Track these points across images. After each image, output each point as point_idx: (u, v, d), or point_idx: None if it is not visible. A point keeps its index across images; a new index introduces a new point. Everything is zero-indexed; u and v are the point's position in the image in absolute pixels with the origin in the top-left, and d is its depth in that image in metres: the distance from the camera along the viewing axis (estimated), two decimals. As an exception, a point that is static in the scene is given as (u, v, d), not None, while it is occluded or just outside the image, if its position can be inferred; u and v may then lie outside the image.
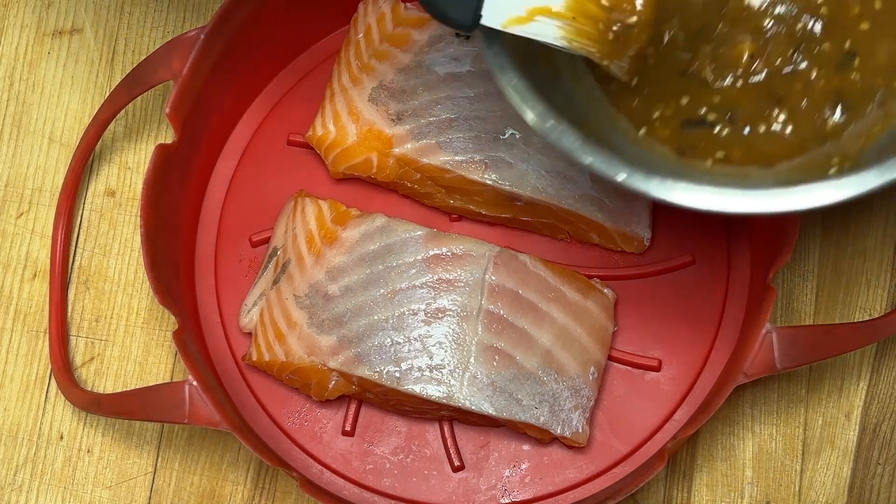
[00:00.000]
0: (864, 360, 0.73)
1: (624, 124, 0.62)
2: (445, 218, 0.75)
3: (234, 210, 0.76)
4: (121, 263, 0.76)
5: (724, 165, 0.60)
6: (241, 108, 0.77)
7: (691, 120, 0.61)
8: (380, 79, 0.73)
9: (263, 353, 0.70)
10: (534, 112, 0.57)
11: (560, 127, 0.57)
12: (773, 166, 0.60)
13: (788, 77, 0.61)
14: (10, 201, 0.77)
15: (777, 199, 0.55)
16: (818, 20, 0.61)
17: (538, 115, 0.57)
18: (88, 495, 0.72)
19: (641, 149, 0.61)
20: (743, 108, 0.61)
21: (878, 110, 0.59)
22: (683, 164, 0.61)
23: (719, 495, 0.72)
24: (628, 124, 0.62)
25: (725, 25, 0.62)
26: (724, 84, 0.61)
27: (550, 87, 0.60)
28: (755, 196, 0.55)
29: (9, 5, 0.80)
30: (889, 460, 0.72)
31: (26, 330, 0.75)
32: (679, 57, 0.62)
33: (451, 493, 0.70)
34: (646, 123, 0.62)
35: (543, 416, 0.68)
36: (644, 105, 0.62)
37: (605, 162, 0.56)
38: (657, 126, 0.62)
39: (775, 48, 0.61)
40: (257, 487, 0.72)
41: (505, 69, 0.58)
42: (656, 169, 0.57)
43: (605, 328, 0.71)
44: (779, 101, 0.61)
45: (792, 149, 0.60)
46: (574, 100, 0.62)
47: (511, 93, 0.58)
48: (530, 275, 0.70)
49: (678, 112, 0.62)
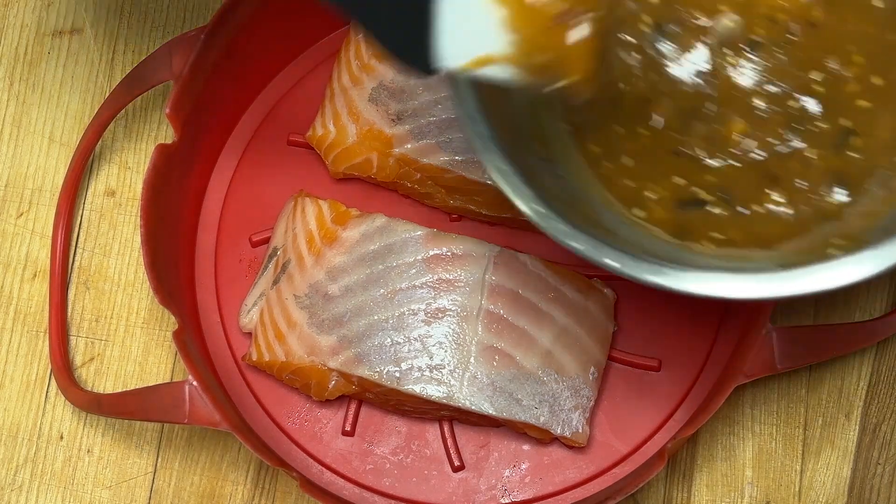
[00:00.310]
0: (864, 360, 0.73)
1: (618, 205, 0.60)
2: (445, 218, 0.75)
3: (234, 210, 0.76)
4: (121, 263, 0.76)
5: (725, 247, 0.58)
6: (241, 108, 0.77)
7: (686, 200, 0.59)
8: (380, 79, 0.73)
9: (263, 353, 0.70)
10: (521, 199, 0.56)
11: (548, 213, 0.55)
12: (774, 247, 0.58)
13: (784, 156, 0.59)
14: (10, 201, 0.77)
15: (779, 283, 0.52)
16: (812, 98, 0.59)
17: (525, 200, 0.55)
18: (88, 495, 0.72)
19: (637, 230, 0.59)
20: (738, 187, 0.59)
21: (881, 189, 0.57)
22: (682, 247, 0.59)
23: (719, 495, 0.72)
24: (621, 205, 0.60)
25: (716, 105, 0.60)
26: (718, 163, 0.59)
27: (542, 169, 0.58)
28: (757, 280, 0.52)
29: (9, 5, 0.80)
30: (889, 460, 0.72)
31: (26, 330, 0.75)
32: (671, 136, 0.60)
33: (451, 493, 0.70)
34: (640, 205, 0.60)
35: (544, 416, 0.68)
36: (637, 185, 0.60)
37: (595, 249, 0.54)
38: (652, 207, 0.60)
39: (768, 127, 0.59)
40: (257, 487, 0.72)
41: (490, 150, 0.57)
42: (654, 251, 0.55)
43: (605, 328, 0.71)
44: (775, 181, 0.59)
45: (792, 229, 0.58)
46: (566, 181, 0.60)
47: (499, 177, 0.56)
48: (530, 275, 0.70)
49: (673, 192, 0.60)
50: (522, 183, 0.56)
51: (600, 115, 0.61)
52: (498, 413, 0.67)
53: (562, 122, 0.62)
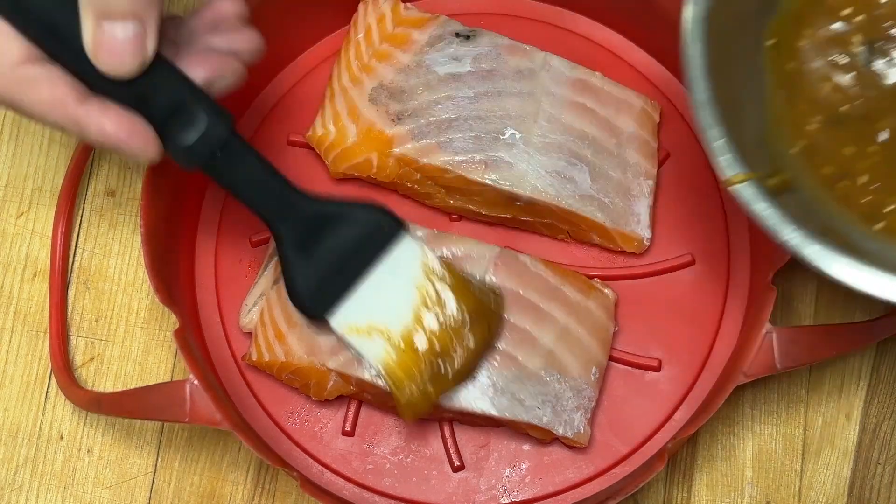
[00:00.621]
0: (864, 360, 0.73)
1: (859, 222, 0.62)
2: (445, 218, 0.75)
3: (234, 210, 0.76)
4: (121, 263, 0.76)
5: None
6: (241, 108, 0.77)
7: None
8: (380, 79, 0.73)
9: (263, 353, 0.70)
10: (783, 231, 0.57)
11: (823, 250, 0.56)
12: None
13: None
14: (10, 201, 0.77)
15: None
16: None
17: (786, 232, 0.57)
18: (88, 495, 0.72)
19: (881, 245, 0.61)
20: None
21: None
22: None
23: (719, 495, 0.72)
24: (862, 222, 0.62)
25: None
26: None
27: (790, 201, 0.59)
28: None
29: (9, 5, 0.80)
30: (889, 460, 0.72)
31: (26, 330, 0.75)
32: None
33: (451, 493, 0.70)
34: (880, 218, 0.62)
35: (546, 416, 0.68)
36: (875, 200, 0.62)
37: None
38: (893, 219, 0.61)
39: None
40: (257, 487, 0.72)
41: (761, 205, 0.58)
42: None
43: (606, 328, 0.71)
44: None
45: None
46: (813, 209, 0.62)
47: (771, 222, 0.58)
48: (531, 275, 0.70)
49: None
50: (783, 220, 0.57)
51: (827, 139, 0.63)
52: (500, 413, 0.67)
53: (791, 149, 0.63)
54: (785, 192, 0.60)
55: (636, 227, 0.72)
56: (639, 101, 0.75)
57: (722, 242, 0.74)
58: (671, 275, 0.74)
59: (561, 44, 0.77)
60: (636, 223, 0.72)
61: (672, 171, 0.75)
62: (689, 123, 0.76)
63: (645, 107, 0.75)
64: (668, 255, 0.74)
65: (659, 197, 0.74)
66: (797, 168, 0.63)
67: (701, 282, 0.73)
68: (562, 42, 0.77)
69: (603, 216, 0.72)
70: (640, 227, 0.72)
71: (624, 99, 0.74)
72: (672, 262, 0.73)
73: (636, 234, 0.72)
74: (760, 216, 0.57)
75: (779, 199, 0.58)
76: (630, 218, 0.72)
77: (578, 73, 0.74)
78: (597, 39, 0.78)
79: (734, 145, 0.58)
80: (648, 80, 0.77)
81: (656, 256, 0.74)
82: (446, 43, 0.74)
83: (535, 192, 0.71)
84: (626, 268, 0.74)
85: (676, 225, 0.74)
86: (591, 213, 0.71)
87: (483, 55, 0.73)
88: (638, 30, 0.77)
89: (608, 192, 0.72)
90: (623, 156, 0.73)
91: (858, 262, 0.56)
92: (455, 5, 0.78)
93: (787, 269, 0.67)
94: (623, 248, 0.73)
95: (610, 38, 0.78)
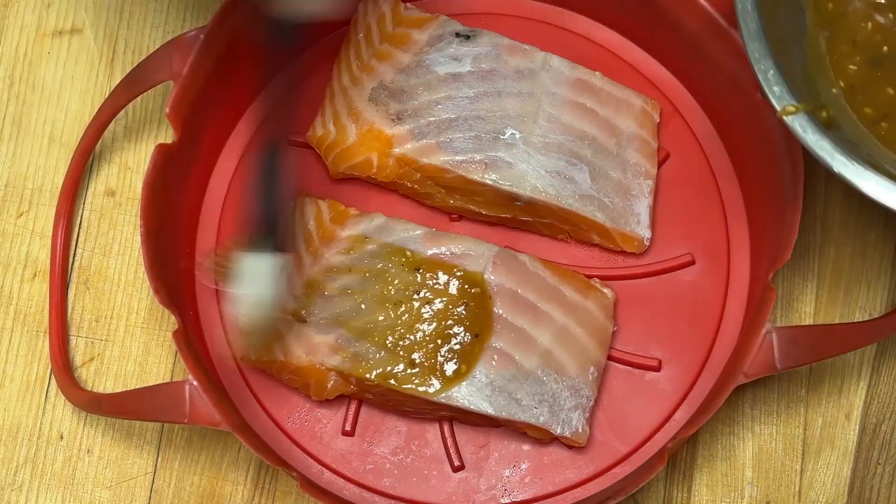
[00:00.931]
0: (864, 360, 0.73)
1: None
2: (445, 218, 0.75)
3: (234, 210, 0.76)
4: (121, 263, 0.76)
5: None
6: (241, 108, 0.77)
7: None
8: (380, 79, 0.73)
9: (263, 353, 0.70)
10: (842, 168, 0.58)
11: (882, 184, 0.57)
12: None
13: None
14: (10, 201, 0.77)
15: None
16: None
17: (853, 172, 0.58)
18: (88, 495, 0.72)
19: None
20: None
21: None
22: None
23: (719, 495, 0.72)
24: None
25: None
26: None
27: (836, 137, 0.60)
28: None
29: (9, 5, 0.80)
30: (889, 460, 0.72)
31: (26, 330, 0.75)
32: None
33: (451, 493, 0.70)
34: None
35: (543, 415, 0.68)
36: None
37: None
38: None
39: None
40: (257, 487, 0.72)
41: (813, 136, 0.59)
42: None
43: (605, 328, 0.71)
44: None
45: None
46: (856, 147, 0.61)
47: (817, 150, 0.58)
48: (530, 275, 0.70)
49: None
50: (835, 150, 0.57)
51: (869, 78, 0.63)
52: (497, 413, 0.67)
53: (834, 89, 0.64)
54: (832, 128, 0.60)
55: (636, 227, 0.72)
56: (639, 101, 0.75)
57: (722, 242, 0.74)
58: (671, 275, 0.74)
59: (561, 44, 0.77)
60: (636, 223, 0.72)
61: (672, 171, 0.75)
62: (689, 123, 0.76)
63: (645, 107, 0.75)
64: (668, 255, 0.74)
65: (659, 197, 0.74)
66: (839, 107, 0.63)
67: (701, 282, 0.73)
68: (562, 42, 0.77)
69: (603, 216, 0.72)
70: (639, 227, 0.72)
71: (624, 99, 0.74)
72: (672, 262, 0.73)
73: (636, 233, 0.72)
74: (813, 147, 0.58)
75: (829, 132, 0.58)
76: (630, 218, 0.72)
77: (578, 73, 0.74)
78: (597, 39, 0.78)
79: (785, 77, 0.59)
80: (648, 80, 0.77)
81: (656, 256, 0.74)
82: (446, 43, 0.74)
83: (535, 191, 0.71)
84: (626, 268, 0.74)
85: (676, 225, 0.74)
86: (591, 212, 0.71)
87: (483, 55, 0.73)
88: (638, 30, 0.77)
89: (608, 192, 0.72)
90: (623, 156, 0.73)
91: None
92: (455, 5, 0.78)
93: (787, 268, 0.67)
94: (623, 247, 0.73)
95: (610, 38, 0.78)
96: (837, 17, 0.64)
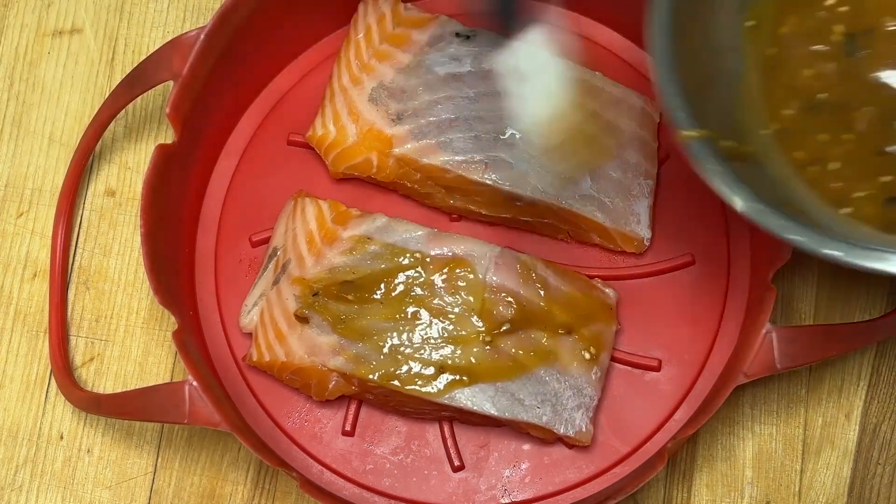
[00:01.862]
0: (864, 360, 0.73)
1: (826, 205, 0.62)
2: (445, 218, 0.75)
3: (234, 210, 0.76)
4: (121, 263, 0.76)
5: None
6: (241, 108, 0.77)
7: (894, 197, 0.61)
8: (380, 79, 0.73)
9: (264, 354, 0.70)
10: (739, 196, 0.58)
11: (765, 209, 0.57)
12: None
13: None
14: (10, 201, 0.77)
15: None
16: None
17: (742, 198, 0.58)
18: (88, 495, 0.72)
19: (846, 227, 0.61)
20: None
21: None
22: (892, 241, 0.60)
23: (719, 495, 0.72)
24: (829, 205, 0.62)
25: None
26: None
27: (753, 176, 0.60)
28: None
29: (9, 5, 0.80)
30: (889, 460, 0.72)
31: (26, 330, 0.75)
32: (875, 138, 0.62)
33: (451, 493, 0.70)
34: (848, 204, 0.62)
35: (546, 415, 0.68)
36: (844, 186, 0.62)
37: (816, 241, 0.56)
38: (859, 205, 0.61)
39: None
40: (257, 487, 0.72)
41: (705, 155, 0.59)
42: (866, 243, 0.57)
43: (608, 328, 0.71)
44: None
45: None
46: (776, 185, 0.62)
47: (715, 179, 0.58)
48: (532, 275, 0.70)
49: (880, 190, 0.61)
50: (737, 183, 0.58)
51: (803, 123, 0.63)
52: (500, 413, 0.67)
53: (763, 130, 0.63)
54: (740, 161, 0.60)
55: (636, 227, 0.72)
56: (639, 101, 0.75)
57: (722, 242, 0.74)
58: (671, 275, 0.74)
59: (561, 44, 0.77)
60: (636, 223, 0.72)
61: (672, 171, 0.75)
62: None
63: (645, 107, 0.75)
64: (668, 255, 0.74)
65: (659, 197, 0.74)
66: (767, 148, 0.63)
67: (701, 282, 0.73)
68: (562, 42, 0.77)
69: (603, 216, 0.72)
70: (639, 227, 0.72)
71: (624, 99, 0.74)
72: (672, 262, 0.73)
73: (636, 234, 0.72)
74: (707, 173, 0.58)
75: (731, 163, 0.58)
76: (630, 218, 0.72)
77: (579, 73, 0.74)
78: (597, 39, 0.78)
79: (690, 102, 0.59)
80: (648, 80, 0.77)
81: (656, 256, 0.74)
82: (446, 43, 0.74)
83: (536, 191, 0.71)
84: (626, 268, 0.74)
85: (676, 225, 0.74)
86: (591, 212, 0.71)
87: (483, 55, 0.73)
88: (638, 30, 0.77)
89: (608, 192, 0.72)
90: (623, 156, 0.73)
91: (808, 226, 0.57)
92: (455, 5, 0.78)
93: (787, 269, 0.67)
94: (623, 248, 0.73)
95: (610, 38, 0.78)
96: (777, 62, 0.64)
